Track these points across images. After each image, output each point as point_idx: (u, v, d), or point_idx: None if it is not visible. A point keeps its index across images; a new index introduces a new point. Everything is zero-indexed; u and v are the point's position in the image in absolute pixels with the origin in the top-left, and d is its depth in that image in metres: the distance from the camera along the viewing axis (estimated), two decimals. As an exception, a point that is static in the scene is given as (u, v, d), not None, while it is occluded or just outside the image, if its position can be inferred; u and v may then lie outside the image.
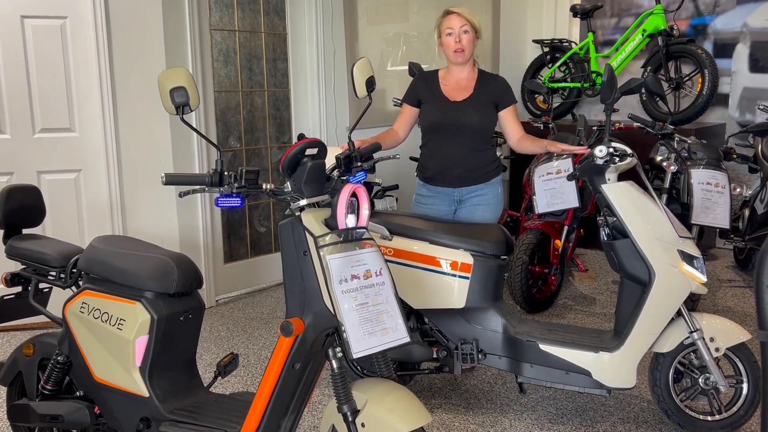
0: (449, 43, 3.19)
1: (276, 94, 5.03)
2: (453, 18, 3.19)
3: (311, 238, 2.09)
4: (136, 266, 2.34)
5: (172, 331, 2.37)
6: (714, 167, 3.88)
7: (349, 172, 2.37)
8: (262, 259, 5.03)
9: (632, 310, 2.81)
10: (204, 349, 3.85)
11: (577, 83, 5.98)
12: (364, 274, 2.15)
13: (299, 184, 2.16)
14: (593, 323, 4.16)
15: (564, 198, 4.10)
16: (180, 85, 2.06)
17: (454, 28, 3.17)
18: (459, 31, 3.17)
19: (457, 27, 3.17)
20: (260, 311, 4.50)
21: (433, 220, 3.08)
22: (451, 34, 3.18)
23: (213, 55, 4.60)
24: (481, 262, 2.92)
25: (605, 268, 5.32)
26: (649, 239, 2.73)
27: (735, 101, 5.69)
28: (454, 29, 3.17)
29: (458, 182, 3.27)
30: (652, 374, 2.86)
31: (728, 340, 2.76)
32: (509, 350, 2.94)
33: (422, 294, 2.98)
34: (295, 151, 2.15)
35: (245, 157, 4.90)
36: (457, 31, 3.17)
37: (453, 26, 3.18)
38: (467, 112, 3.21)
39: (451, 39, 3.18)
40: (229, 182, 2.07)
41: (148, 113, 4.19)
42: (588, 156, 2.89)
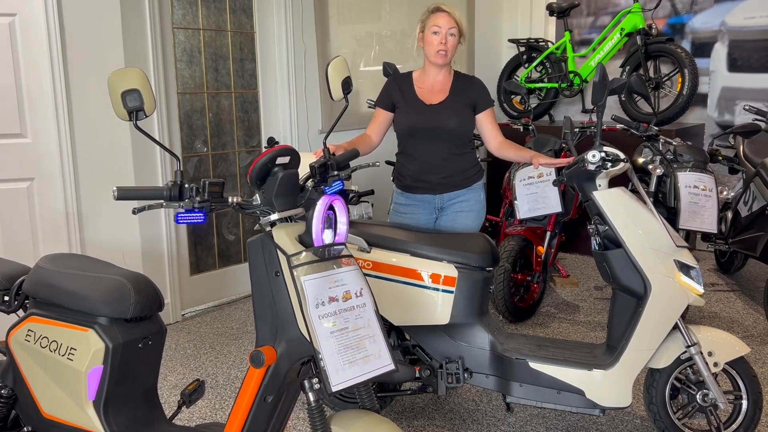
0: (432, 42, 3.01)
1: (244, 95, 4.79)
2: (442, 16, 2.99)
3: (284, 257, 1.88)
4: (88, 289, 2.10)
5: (129, 360, 2.14)
6: (700, 170, 3.76)
7: (325, 182, 2.16)
8: (230, 269, 4.79)
9: (627, 324, 2.65)
10: (169, 369, 3.60)
11: (555, 83, 5.85)
12: (343, 296, 1.95)
13: (269, 196, 1.95)
14: (578, 333, 4.01)
15: (546, 203, 3.95)
16: (133, 87, 1.83)
17: (442, 27, 2.99)
18: (446, 32, 2.99)
19: (445, 27, 2.99)
20: (229, 326, 4.26)
21: (415, 231, 2.89)
22: (437, 33, 3.00)
23: (176, 54, 4.35)
24: (466, 275, 2.74)
25: (586, 273, 5.19)
26: (644, 249, 2.58)
27: (714, 101, 5.61)
28: (442, 29, 2.99)
29: (439, 188, 3.12)
30: (647, 391, 2.71)
31: (727, 355, 2.62)
32: (497, 369, 2.76)
33: (403, 310, 2.78)
34: (265, 160, 1.93)
35: (212, 162, 4.65)
36: (444, 32, 2.99)
37: (441, 25, 2.99)
38: (444, 116, 3.06)
39: (436, 38, 3.00)
40: (190, 196, 1.85)
41: (106, 117, 3.93)
42: (577, 161, 2.72)
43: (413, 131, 3.08)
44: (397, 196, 3.25)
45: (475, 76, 3.21)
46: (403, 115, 3.10)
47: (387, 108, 3.15)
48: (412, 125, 3.07)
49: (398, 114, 3.12)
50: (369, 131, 3.17)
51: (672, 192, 3.77)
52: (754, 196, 4.28)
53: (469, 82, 3.15)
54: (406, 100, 3.10)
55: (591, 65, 5.72)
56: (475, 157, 3.22)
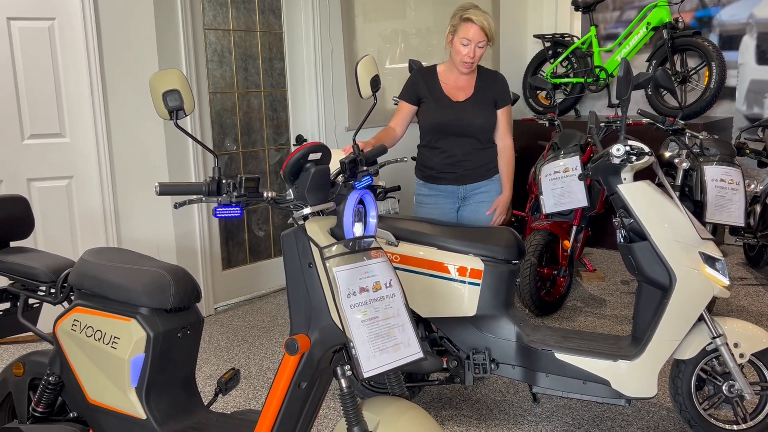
0: (460, 51, 3.06)
1: (273, 94, 4.89)
2: (473, 29, 3.01)
3: (316, 249, 1.96)
4: (130, 281, 2.20)
5: (169, 349, 2.24)
6: (727, 163, 3.76)
7: (355, 177, 2.23)
8: (261, 264, 4.90)
9: (652, 315, 2.69)
10: (203, 361, 3.72)
11: (580, 78, 5.85)
12: (374, 287, 2.02)
13: (302, 191, 2.03)
14: (605, 326, 4.03)
15: (572, 197, 3.97)
16: (173, 88, 1.92)
17: (472, 40, 3.03)
18: (475, 45, 3.04)
19: (474, 41, 3.03)
20: (260, 319, 4.37)
21: (441, 224, 2.95)
22: (467, 45, 3.04)
23: (207, 55, 4.46)
24: (492, 268, 2.79)
25: (613, 268, 5.20)
26: (668, 241, 2.61)
27: (742, 94, 5.57)
28: (471, 42, 3.03)
29: (462, 180, 3.22)
30: (673, 382, 2.74)
31: (753, 346, 2.64)
32: (523, 359, 2.81)
33: (431, 302, 2.85)
34: (298, 156, 2.01)
35: (242, 160, 4.76)
36: (473, 46, 3.04)
37: (471, 38, 3.02)
38: (471, 113, 3.14)
39: (464, 49, 3.05)
40: (227, 191, 1.94)
41: (140, 117, 4.05)
42: (602, 155, 2.76)
43: (441, 127, 3.15)
44: (419, 188, 3.33)
45: (498, 72, 3.27)
46: (430, 110, 3.16)
47: (412, 102, 3.21)
48: (440, 122, 3.14)
49: (425, 109, 3.18)
50: (393, 124, 3.24)
51: (698, 185, 3.78)
52: (783, 189, 4.25)
53: (493, 78, 3.22)
54: (433, 96, 3.16)
55: (617, 60, 5.71)
56: (495, 151, 3.28)
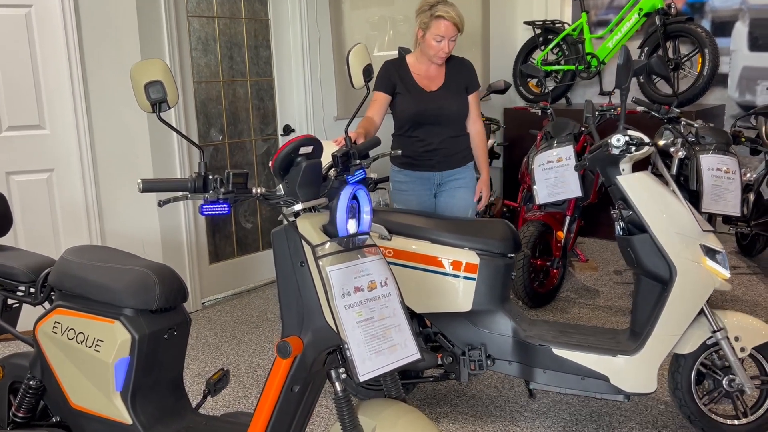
0: (435, 47, 3.14)
1: (259, 83, 4.77)
2: (445, 25, 3.08)
3: (308, 248, 1.88)
4: (114, 280, 2.11)
5: (155, 351, 2.15)
6: (723, 152, 3.70)
7: (348, 171, 2.15)
8: (249, 258, 4.80)
9: (651, 309, 2.63)
10: (191, 358, 3.63)
11: (572, 66, 5.78)
12: (369, 286, 1.94)
13: (293, 186, 1.94)
14: (599, 318, 3.98)
15: (566, 187, 3.91)
16: (156, 79, 1.82)
17: (445, 36, 3.12)
18: (448, 40, 3.13)
19: (447, 36, 3.12)
20: (249, 314, 4.28)
21: (435, 217, 2.88)
22: (440, 41, 3.13)
23: (191, 43, 4.34)
24: (487, 262, 2.72)
25: (605, 258, 5.15)
26: (669, 234, 2.55)
27: (734, 81, 5.52)
28: (445, 38, 3.12)
29: (438, 166, 3.29)
30: (672, 377, 2.69)
31: (754, 339, 2.59)
32: (520, 355, 2.74)
33: (425, 297, 2.77)
34: (288, 150, 1.92)
35: (228, 150, 4.65)
36: (447, 40, 3.13)
37: (444, 35, 3.12)
38: (445, 102, 3.22)
39: (438, 45, 3.13)
40: (214, 187, 1.85)
41: (123, 107, 3.93)
42: (600, 145, 2.69)
43: (418, 117, 3.23)
44: (395, 175, 3.39)
45: (464, 58, 3.36)
46: (406, 102, 3.23)
47: (387, 92, 3.27)
48: (416, 112, 3.22)
49: (400, 100, 3.25)
50: (371, 114, 3.26)
51: (694, 175, 3.72)
52: (777, 177, 4.21)
53: (461, 64, 3.30)
54: (407, 87, 3.24)
55: (608, 47, 5.64)
56: (469, 139, 3.38)
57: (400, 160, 3.35)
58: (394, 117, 3.34)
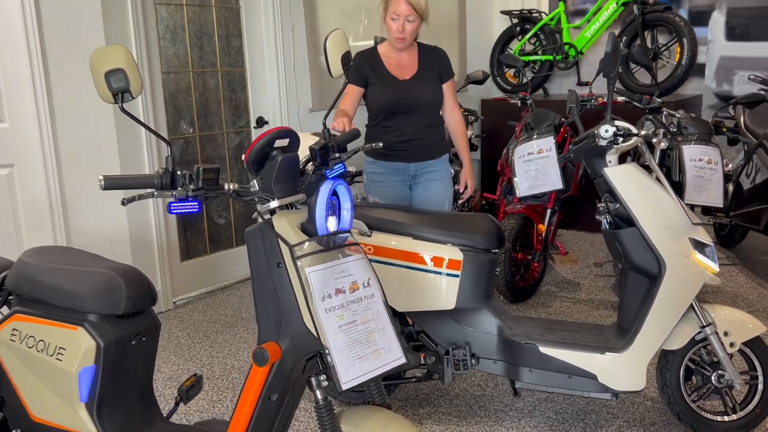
0: (392, 26, 3.11)
1: (230, 74, 4.61)
2: (400, 4, 3.06)
3: (286, 247, 1.76)
4: (76, 284, 1.97)
5: (122, 358, 2.02)
6: (705, 142, 3.65)
7: (326, 165, 2.03)
8: (222, 254, 4.65)
9: (640, 305, 2.56)
10: (162, 360, 3.48)
11: (549, 56, 5.71)
12: (351, 287, 1.83)
13: (268, 182, 1.82)
14: (581, 312, 3.92)
15: (547, 179, 3.83)
16: (117, 67, 1.68)
17: (399, 15, 3.09)
18: (403, 20, 3.09)
19: (402, 16, 3.09)
20: (223, 313, 4.14)
21: (417, 212, 2.77)
22: (395, 20, 3.10)
23: (159, 32, 4.16)
24: (471, 258, 2.62)
25: (584, 250, 5.11)
26: (657, 227, 2.47)
27: (712, 71, 5.50)
28: (399, 17, 3.09)
29: (413, 157, 3.23)
30: (661, 374, 2.62)
31: (743, 334, 2.54)
32: (505, 354, 2.66)
33: (407, 296, 2.67)
34: (262, 143, 1.80)
35: (199, 144, 4.49)
36: (402, 20, 3.09)
37: (398, 13, 3.07)
38: (419, 91, 3.17)
39: (394, 24, 3.10)
40: (183, 183, 1.72)
41: (87, 99, 3.75)
42: (587, 136, 2.60)
43: (391, 107, 3.17)
44: (368, 165, 3.32)
45: (437, 47, 3.32)
46: (379, 92, 3.18)
47: (360, 84, 3.22)
48: (389, 102, 3.16)
49: (373, 90, 3.20)
50: (344, 107, 3.20)
51: (676, 166, 3.67)
52: (757, 168, 4.19)
53: (434, 53, 3.26)
54: (379, 77, 3.19)
55: (586, 36, 5.58)
56: (443, 130, 3.34)
57: (373, 151, 3.28)
58: (368, 108, 3.28)
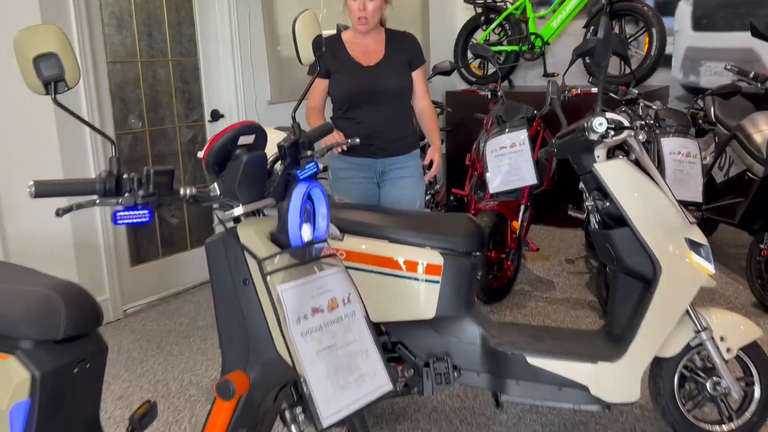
0: (353, 8, 2.92)
1: (182, 64, 4.30)
2: None
3: (254, 262, 1.52)
4: (6, 306, 1.69)
5: (62, 390, 1.74)
6: (684, 135, 3.53)
7: (297, 165, 1.79)
8: (175, 258, 4.34)
9: (633, 310, 2.40)
10: (112, 377, 3.19)
11: (515, 46, 5.55)
12: (329, 305, 1.60)
13: (231, 185, 1.57)
14: (558, 311, 3.77)
15: (520, 175, 3.67)
16: (48, 51, 1.42)
17: None
18: None
19: None
20: (178, 321, 3.85)
21: (393, 213, 2.55)
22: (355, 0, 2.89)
23: (103, 18, 3.83)
24: (452, 262, 2.42)
25: (555, 246, 4.97)
26: (652, 227, 2.31)
27: (678, 62, 5.43)
28: None
29: (380, 153, 3.03)
30: (654, 382, 2.47)
31: (740, 339, 2.40)
32: (490, 365, 2.46)
33: (383, 305, 2.45)
34: (224, 140, 1.55)
35: (149, 139, 4.17)
36: None
37: None
38: (385, 77, 2.97)
39: (354, 5, 2.90)
40: (131, 189, 1.46)
41: (24, 90, 3.41)
42: (574, 129, 2.42)
43: (355, 95, 2.96)
44: (334, 161, 3.10)
45: (407, 32, 3.10)
46: (342, 79, 2.97)
47: (323, 75, 2.99)
48: (353, 90, 2.95)
49: (336, 79, 2.99)
50: (314, 103, 3.01)
51: (655, 159, 3.54)
52: (731, 160, 4.10)
53: (403, 38, 3.06)
54: (343, 64, 2.97)
55: (553, 26, 5.44)
56: (413, 124, 3.14)
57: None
58: (332, 98, 3.06)
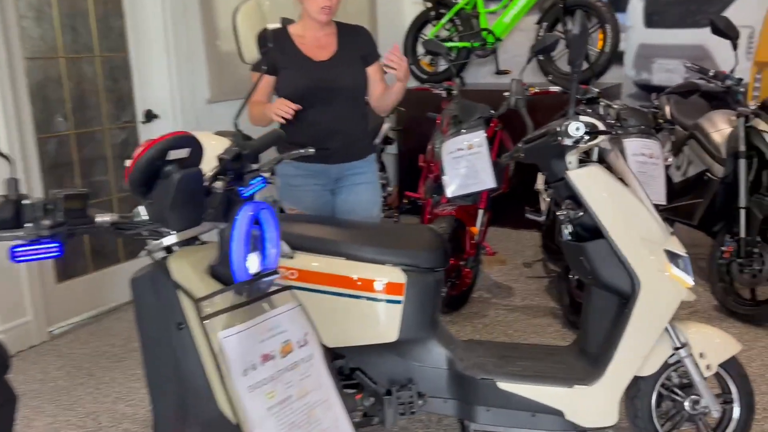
0: None
1: (111, 60, 3.95)
2: None
3: (189, 303, 1.26)
4: None
5: None
6: (646, 135, 3.40)
7: (241, 181, 1.53)
8: (107, 272, 3.97)
9: (610, 328, 2.22)
10: (34, 412, 2.85)
11: (466, 43, 5.37)
12: (282, 349, 1.36)
13: (161, 209, 1.31)
14: (519, 320, 3.61)
15: (478, 178, 3.48)
16: None
17: None
18: None
19: None
20: (110, 343, 3.51)
21: (349, 227, 2.33)
22: None
23: (18, 9, 3.45)
24: (415, 279, 2.20)
25: (511, 248, 4.82)
26: (631, 239, 2.14)
27: (631, 59, 5.35)
28: None
29: (334, 158, 2.79)
30: (632, 403, 2.31)
31: (720, 355, 2.26)
32: (458, 391, 2.26)
33: (340, 328, 2.22)
34: (150, 155, 1.28)
35: (75, 143, 3.81)
36: None
37: None
38: (338, 73, 2.76)
39: None
40: (35, 218, 1.18)
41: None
42: (545, 133, 2.23)
43: (305, 93, 2.70)
44: (283, 167, 2.84)
45: (360, 26, 2.90)
46: (291, 76, 2.72)
47: (269, 71, 2.71)
48: (304, 87, 2.70)
49: (285, 75, 2.73)
50: (258, 98, 2.72)
51: (618, 161, 3.39)
52: (689, 160, 4.02)
53: (356, 32, 2.88)
54: (291, 60, 2.72)
55: (505, 22, 5.28)
56: (368, 126, 2.95)
57: (287, 150, 2.76)
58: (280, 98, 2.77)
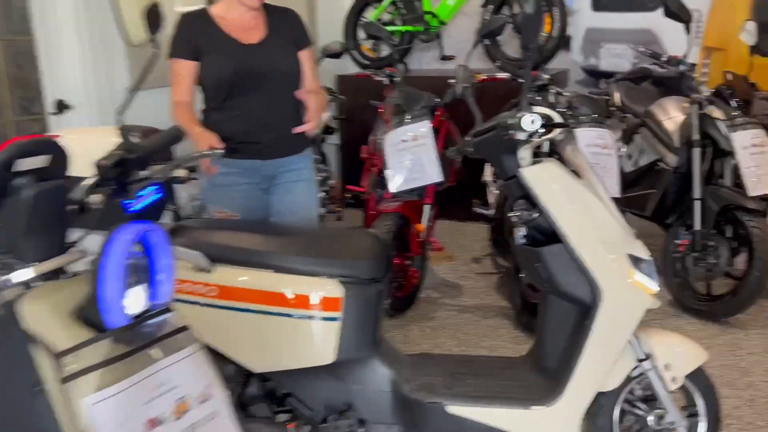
0: None
1: (15, 44, 3.55)
2: None
3: (47, 357, 0.97)
4: None
5: None
6: (599, 124, 3.23)
7: (125, 193, 1.23)
8: None
9: (570, 340, 2.02)
10: None
11: (410, 27, 5.11)
12: (176, 409, 1.07)
13: (12, 235, 1.01)
14: (470, 323, 3.41)
15: (423, 172, 3.25)
16: None
17: None
18: None
19: None
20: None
21: (278, 233, 2.06)
22: None
23: None
24: (355, 292, 1.95)
25: (459, 243, 4.61)
26: (592, 243, 1.93)
27: (578, 44, 5.20)
28: None
29: (268, 152, 2.54)
30: (593, 421, 2.11)
31: (686, 366, 2.08)
32: (403, 416, 2.03)
33: (268, 351, 1.95)
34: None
35: (-25, 137, 3.41)
36: None
37: None
38: (270, 57, 2.51)
39: None
40: None
41: None
42: (496, 126, 2.00)
43: (232, 80, 2.44)
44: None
45: (289, 8, 2.64)
46: (216, 61, 2.46)
47: (190, 56, 2.47)
48: (232, 72, 2.44)
49: (208, 61, 2.46)
50: (179, 96, 2.45)
51: (569, 152, 3.21)
52: (640, 149, 3.88)
53: (285, 14, 2.64)
54: (214, 43, 2.48)
55: (449, 4, 5.05)
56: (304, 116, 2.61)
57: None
58: (204, 87, 2.51)
